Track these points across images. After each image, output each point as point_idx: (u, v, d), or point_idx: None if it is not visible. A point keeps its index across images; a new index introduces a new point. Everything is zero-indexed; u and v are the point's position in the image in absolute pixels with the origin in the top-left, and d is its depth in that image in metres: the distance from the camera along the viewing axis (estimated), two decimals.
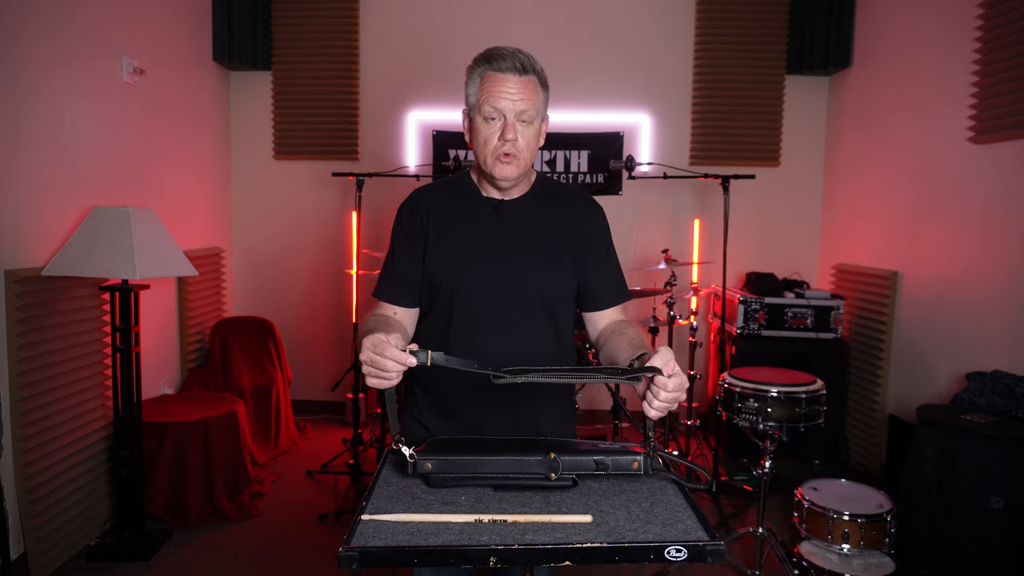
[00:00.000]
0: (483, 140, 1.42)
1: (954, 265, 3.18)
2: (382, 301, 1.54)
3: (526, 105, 1.39)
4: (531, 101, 1.40)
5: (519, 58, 1.39)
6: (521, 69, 1.39)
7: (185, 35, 3.98)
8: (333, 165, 4.48)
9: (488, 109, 1.40)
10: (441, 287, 1.48)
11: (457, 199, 1.54)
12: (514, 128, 1.40)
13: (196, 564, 2.79)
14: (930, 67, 3.39)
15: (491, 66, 1.40)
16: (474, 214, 1.51)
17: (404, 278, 1.52)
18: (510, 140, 1.40)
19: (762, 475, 2.61)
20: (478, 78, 1.42)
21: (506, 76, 1.39)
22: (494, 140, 1.41)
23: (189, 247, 3.89)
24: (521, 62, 1.39)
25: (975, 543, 2.33)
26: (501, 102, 1.38)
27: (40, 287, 2.63)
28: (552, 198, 1.56)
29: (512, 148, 1.41)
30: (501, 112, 1.39)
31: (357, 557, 1.01)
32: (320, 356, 4.74)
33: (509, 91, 1.38)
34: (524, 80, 1.40)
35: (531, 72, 1.41)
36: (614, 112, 4.53)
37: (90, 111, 3.04)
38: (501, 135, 1.40)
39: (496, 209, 1.51)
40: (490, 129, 1.41)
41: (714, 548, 1.02)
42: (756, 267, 4.43)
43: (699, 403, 4.48)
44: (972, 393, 2.68)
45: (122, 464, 2.86)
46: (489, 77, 1.40)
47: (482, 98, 1.40)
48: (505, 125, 1.40)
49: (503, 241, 1.49)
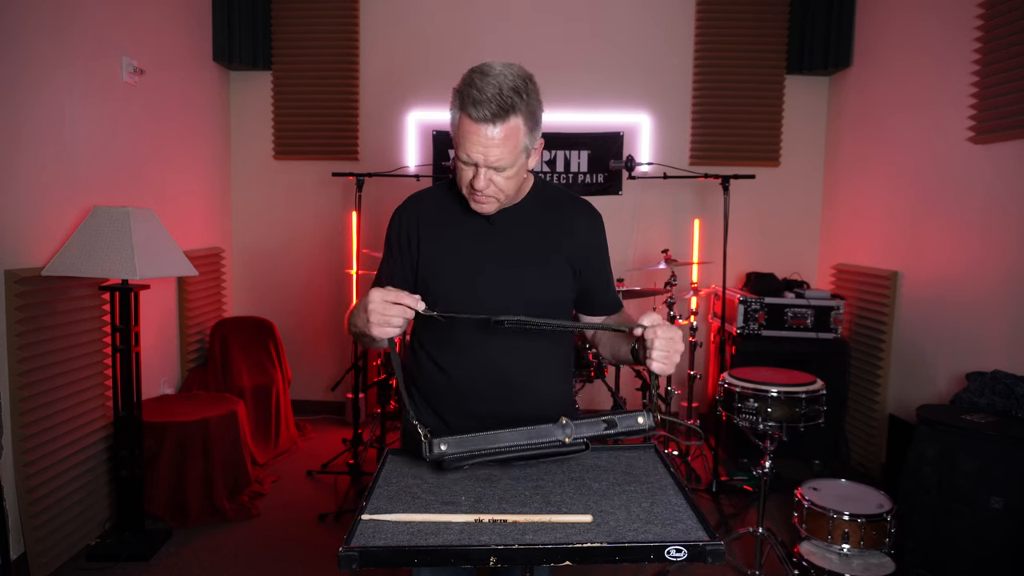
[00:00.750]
0: (460, 177, 1.39)
1: (954, 265, 3.18)
2: None
3: (498, 158, 1.32)
4: (505, 152, 1.32)
5: (494, 105, 1.28)
6: (498, 115, 1.28)
7: (185, 35, 3.98)
8: (333, 165, 4.48)
9: (463, 155, 1.34)
10: (438, 294, 1.47)
11: (451, 205, 1.52)
12: (484, 178, 1.35)
13: (196, 564, 2.79)
14: (930, 67, 3.39)
15: (465, 110, 1.31)
16: (466, 222, 1.49)
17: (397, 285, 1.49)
18: (479, 189, 1.36)
19: (762, 475, 2.61)
20: (457, 117, 1.34)
21: (479, 127, 1.30)
22: (467, 180, 1.38)
23: (189, 247, 3.89)
24: (498, 106, 1.28)
25: (975, 543, 2.33)
26: (473, 154, 1.32)
27: (40, 287, 2.63)
28: (551, 203, 1.54)
29: (482, 196, 1.39)
30: (473, 161, 1.34)
31: (357, 557, 1.01)
32: (320, 356, 4.74)
33: (480, 145, 1.31)
34: (499, 129, 1.30)
35: (511, 113, 1.29)
36: (614, 112, 4.53)
37: (90, 111, 3.04)
38: (472, 182, 1.36)
39: (488, 220, 1.48)
40: (466, 172, 1.37)
41: (714, 548, 1.02)
42: (756, 267, 4.43)
43: (699, 403, 4.48)
44: (972, 393, 2.68)
45: (122, 464, 2.86)
46: (464, 123, 1.32)
47: (457, 141, 1.35)
48: (475, 174, 1.35)
49: (498, 248, 1.48)
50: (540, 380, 1.53)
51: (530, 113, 1.34)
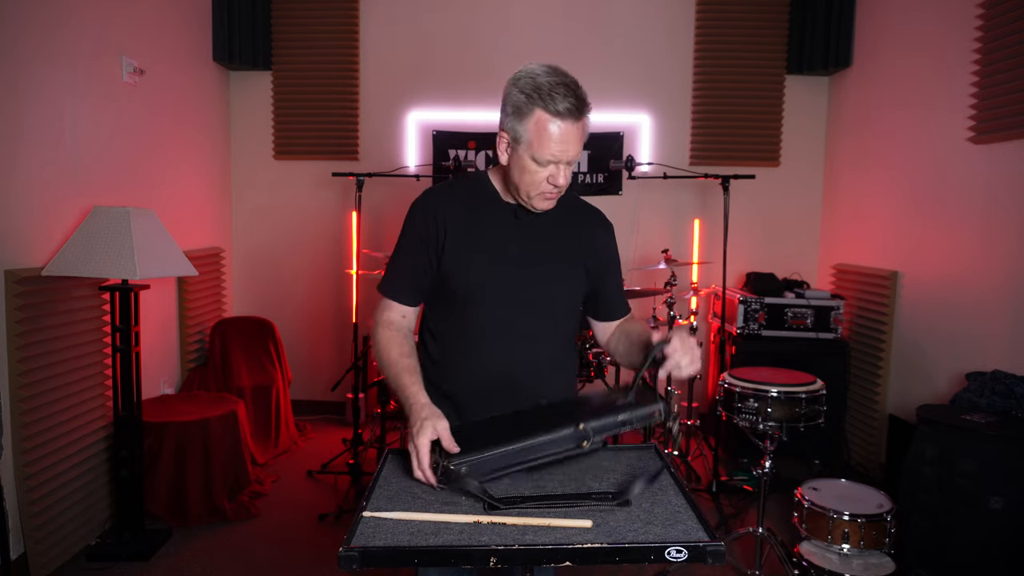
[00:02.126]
0: (530, 179, 1.40)
1: (954, 265, 3.18)
2: (391, 300, 1.53)
3: (575, 154, 1.37)
4: (580, 147, 1.38)
5: (575, 99, 1.33)
6: (578, 112, 1.33)
7: (185, 35, 3.98)
8: (333, 165, 4.47)
9: (544, 158, 1.35)
10: (458, 291, 1.48)
11: (475, 203, 1.52)
12: (562, 174, 1.38)
13: (196, 564, 2.79)
14: (930, 67, 3.39)
15: (546, 107, 1.32)
16: (493, 219, 1.51)
17: (416, 279, 1.52)
18: (560, 186, 1.40)
19: (762, 475, 2.60)
20: (531, 116, 1.34)
21: (564, 124, 1.33)
22: (542, 183, 1.39)
23: (189, 247, 3.88)
24: (578, 102, 1.33)
25: (975, 543, 2.33)
26: (558, 153, 1.35)
27: (40, 287, 2.63)
28: (568, 206, 1.56)
29: (555, 193, 1.42)
30: (556, 160, 1.36)
31: (357, 557, 1.01)
32: (320, 356, 4.74)
33: (565, 143, 1.34)
34: (579, 125, 1.35)
35: (584, 110, 1.35)
36: (614, 112, 4.53)
37: (90, 111, 3.04)
38: (551, 179, 1.39)
39: (515, 214, 1.51)
40: (541, 172, 1.38)
41: (714, 549, 1.02)
42: (756, 267, 4.43)
43: (699, 403, 4.48)
44: (972, 393, 2.67)
45: (122, 464, 2.86)
46: (544, 121, 1.33)
47: (536, 143, 1.35)
48: (556, 173, 1.38)
49: (522, 245, 1.50)
50: (545, 384, 1.54)
51: (590, 107, 1.39)
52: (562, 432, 1.24)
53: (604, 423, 1.25)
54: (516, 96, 1.37)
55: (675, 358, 1.32)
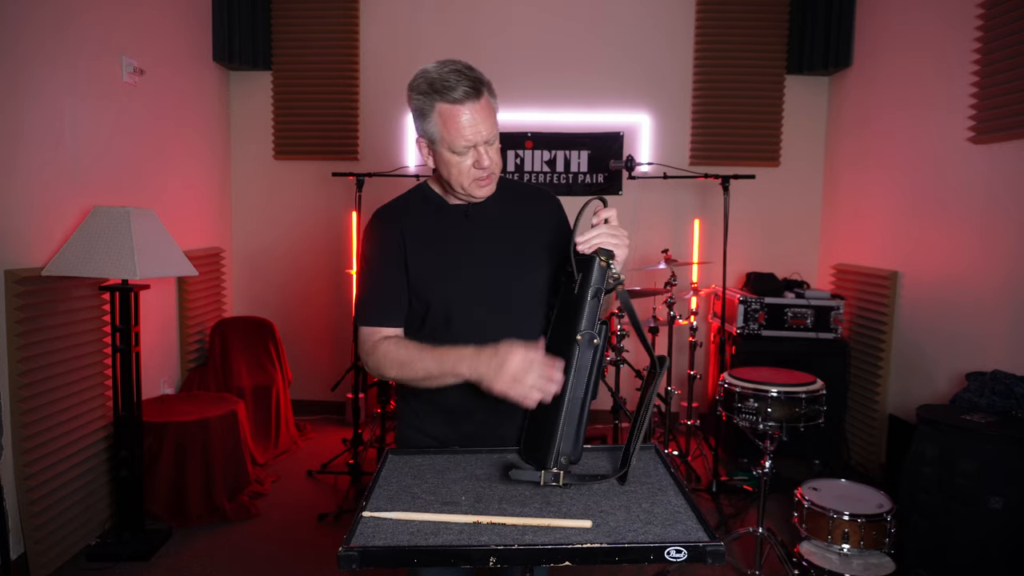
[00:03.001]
0: (457, 171, 1.41)
1: (954, 265, 3.18)
2: (374, 328, 1.48)
3: (489, 130, 1.38)
4: (491, 123, 1.39)
5: (469, 80, 1.35)
6: (475, 92, 1.35)
7: (185, 35, 3.98)
8: (333, 165, 4.47)
9: (459, 146, 1.37)
10: (431, 302, 1.47)
11: (424, 212, 1.52)
12: (486, 155, 1.39)
13: (196, 564, 2.79)
14: (930, 67, 3.39)
15: (444, 98, 1.35)
16: (446, 224, 1.51)
17: (397, 299, 1.49)
18: (486, 167, 1.40)
19: (762, 475, 2.60)
20: (433, 112, 1.37)
21: (463, 107, 1.35)
22: (470, 170, 1.40)
23: (189, 247, 3.88)
24: (473, 82, 1.35)
25: (975, 543, 2.33)
26: (470, 138, 1.36)
27: (40, 287, 2.63)
28: (516, 196, 1.57)
29: (487, 176, 1.42)
30: (472, 143, 1.37)
31: (357, 557, 1.01)
32: (320, 356, 4.74)
33: (474, 124, 1.36)
34: (481, 104, 1.36)
35: (482, 88, 1.36)
36: (614, 112, 4.53)
37: (90, 111, 3.04)
38: (476, 163, 1.39)
39: (465, 214, 1.51)
40: (464, 161, 1.39)
41: (714, 549, 1.02)
42: (756, 267, 4.43)
43: (699, 403, 4.48)
44: (972, 393, 2.67)
45: (122, 464, 2.86)
46: (447, 112, 1.35)
47: (447, 135, 1.37)
48: (479, 155, 1.39)
49: (480, 245, 1.49)
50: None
51: (491, 90, 1.41)
52: (575, 354, 1.27)
53: (587, 316, 1.28)
54: (416, 99, 1.40)
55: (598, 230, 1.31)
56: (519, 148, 4.54)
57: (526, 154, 4.54)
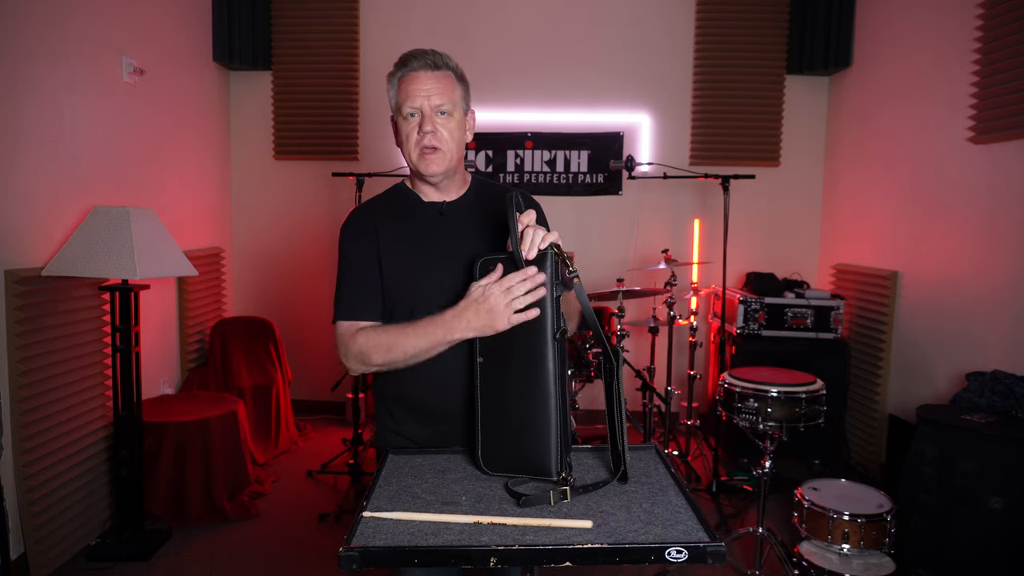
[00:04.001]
0: (405, 137, 1.47)
1: (954, 265, 3.18)
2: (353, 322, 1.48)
3: (441, 99, 1.44)
4: (446, 95, 1.44)
5: (429, 57, 1.45)
6: (433, 66, 1.44)
7: (185, 35, 3.98)
8: (333, 165, 4.47)
9: (406, 108, 1.44)
10: (402, 299, 1.47)
11: (399, 210, 1.54)
12: (431, 120, 1.44)
13: (196, 564, 2.79)
14: (930, 67, 3.39)
15: (405, 68, 1.45)
16: (418, 221, 1.52)
17: (373, 295, 1.49)
18: (428, 132, 1.43)
19: (762, 475, 2.60)
20: (396, 82, 1.47)
21: (419, 74, 1.44)
22: (414, 135, 1.45)
23: (189, 247, 3.88)
24: (432, 60, 1.44)
25: (975, 543, 2.33)
26: (417, 100, 1.43)
27: (40, 287, 2.63)
28: (491, 196, 1.57)
29: (433, 140, 1.44)
30: (418, 109, 1.44)
31: (357, 557, 1.01)
32: (320, 356, 4.74)
33: (423, 87, 1.43)
34: (437, 75, 1.44)
35: (444, 68, 1.45)
36: (614, 112, 4.53)
37: (90, 111, 3.04)
38: (420, 128, 1.44)
39: (440, 212, 1.52)
40: (409, 126, 1.46)
41: (715, 549, 1.02)
42: (756, 267, 4.42)
43: (699, 403, 4.48)
44: (972, 393, 2.67)
45: (122, 464, 2.86)
46: (405, 78, 1.45)
47: (400, 98, 1.45)
48: (423, 118, 1.44)
49: (453, 244, 1.49)
50: None
51: (460, 75, 1.49)
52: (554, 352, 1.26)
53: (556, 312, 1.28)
54: (389, 76, 1.49)
55: (527, 235, 1.29)
56: (519, 148, 4.54)
57: (526, 154, 4.54)
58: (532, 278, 1.28)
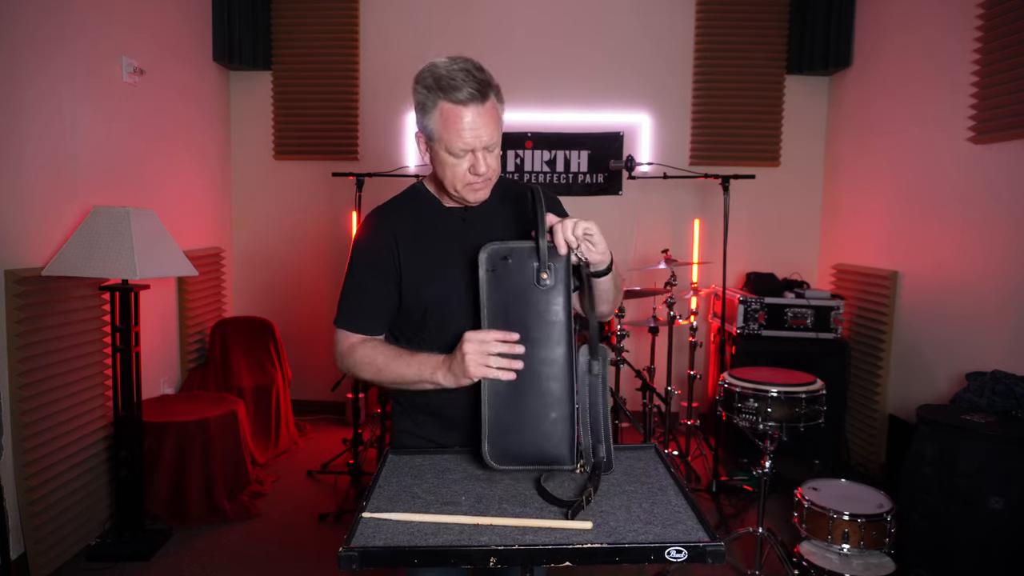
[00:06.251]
0: (451, 172, 1.37)
1: (954, 265, 3.18)
2: (356, 332, 1.46)
3: (491, 138, 1.34)
4: (494, 129, 1.34)
5: (476, 83, 1.30)
6: (480, 97, 1.30)
7: (185, 35, 3.98)
8: (333, 165, 4.47)
9: (457, 147, 1.33)
10: (424, 307, 1.44)
11: (420, 215, 1.49)
12: (484, 161, 1.35)
13: (196, 564, 2.79)
14: (930, 67, 3.39)
15: (447, 97, 1.30)
16: (441, 228, 1.47)
17: (378, 308, 1.46)
18: (482, 174, 1.36)
19: (762, 475, 2.60)
20: (435, 110, 1.33)
21: (467, 109, 1.30)
22: (464, 174, 1.36)
23: (189, 247, 3.88)
24: (479, 87, 1.30)
25: (975, 543, 2.33)
26: (469, 141, 1.32)
27: (40, 287, 2.63)
28: (513, 196, 1.52)
29: (482, 182, 1.39)
30: (469, 148, 1.34)
31: (357, 557, 1.01)
32: (320, 356, 4.74)
33: (475, 128, 1.31)
34: (485, 108, 1.31)
35: (489, 93, 1.32)
36: (614, 112, 4.53)
37: (90, 111, 3.04)
38: (472, 169, 1.36)
39: (462, 218, 1.48)
40: (460, 164, 1.36)
41: (715, 549, 1.02)
42: (756, 267, 4.42)
43: (699, 403, 4.48)
44: (972, 393, 2.68)
45: (122, 464, 2.86)
46: (449, 112, 1.31)
47: (446, 135, 1.33)
48: (475, 161, 1.35)
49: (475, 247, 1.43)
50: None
51: (499, 94, 1.37)
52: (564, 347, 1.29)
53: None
54: (420, 93, 1.36)
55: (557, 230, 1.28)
56: (519, 148, 4.54)
57: (526, 154, 4.54)
58: (512, 346, 1.27)
